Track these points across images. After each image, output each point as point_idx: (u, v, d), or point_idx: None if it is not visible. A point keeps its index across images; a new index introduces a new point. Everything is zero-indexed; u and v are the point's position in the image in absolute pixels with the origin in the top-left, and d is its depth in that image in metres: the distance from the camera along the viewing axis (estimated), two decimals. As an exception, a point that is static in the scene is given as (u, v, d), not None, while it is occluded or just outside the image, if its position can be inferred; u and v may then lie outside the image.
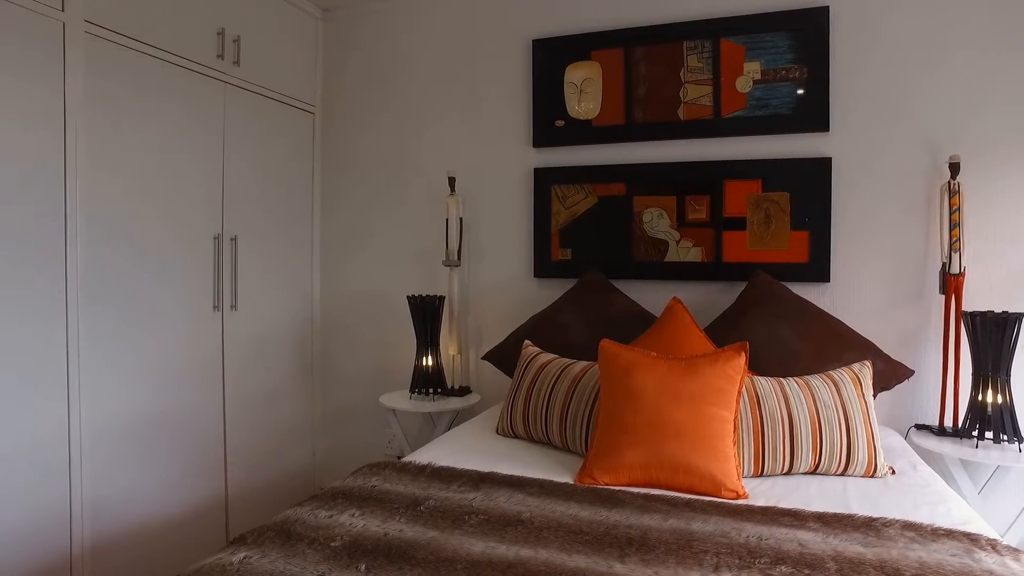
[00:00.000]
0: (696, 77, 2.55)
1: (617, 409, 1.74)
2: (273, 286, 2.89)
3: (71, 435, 2.03)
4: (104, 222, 2.12)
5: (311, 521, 1.37)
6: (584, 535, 1.32)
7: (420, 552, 1.23)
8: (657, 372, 1.74)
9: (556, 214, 2.75)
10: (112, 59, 2.13)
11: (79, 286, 2.04)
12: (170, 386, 2.37)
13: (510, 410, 2.12)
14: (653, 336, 2.16)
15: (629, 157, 2.67)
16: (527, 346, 2.31)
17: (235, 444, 2.67)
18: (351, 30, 3.12)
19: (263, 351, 2.83)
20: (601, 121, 2.70)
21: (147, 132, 2.27)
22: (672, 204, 2.60)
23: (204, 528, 2.52)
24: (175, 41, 2.35)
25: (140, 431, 2.26)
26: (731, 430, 1.67)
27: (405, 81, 3.03)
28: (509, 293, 2.84)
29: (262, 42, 2.78)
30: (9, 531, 1.86)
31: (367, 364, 3.11)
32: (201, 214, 2.49)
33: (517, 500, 1.50)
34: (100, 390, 2.12)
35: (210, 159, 2.53)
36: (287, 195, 2.97)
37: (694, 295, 2.56)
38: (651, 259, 2.63)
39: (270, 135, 2.85)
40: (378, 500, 1.48)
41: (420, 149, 3.00)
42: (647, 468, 1.66)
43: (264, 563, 1.19)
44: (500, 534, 1.33)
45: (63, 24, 1.98)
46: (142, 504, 2.27)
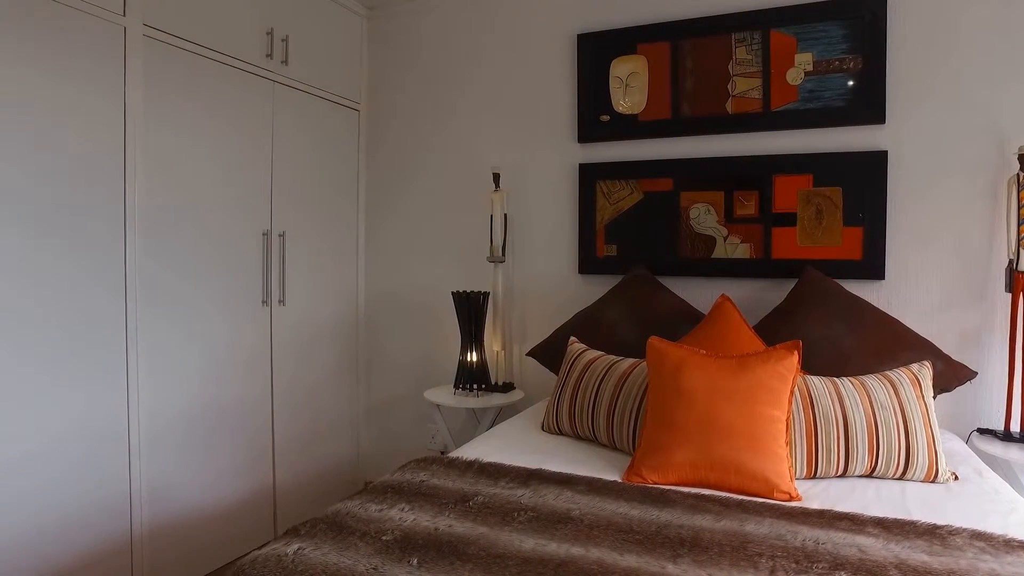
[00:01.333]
0: (745, 70, 2.50)
1: (666, 407, 1.72)
2: (319, 281, 2.94)
3: (130, 425, 2.10)
4: (159, 219, 2.19)
5: (362, 515, 1.39)
6: (635, 534, 1.31)
7: (471, 548, 1.23)
8: (707, 370, 1.71)
9: (601, 210, 2.73)
10: (168, 61, 2.19)
11: (137, 282, 2.11)
12: (221, 378, 2.43)
13: (556, 407, 2.12)
14: (701, 334, 2.13)
15: (676, 152, 2.63)
16: (573, 343, 2.29)
17: (282, 435, 2.73)
18: (396, 27, 3.15)
19: (309, 345, 2.88)
20: (647, 116, 2.67)
21: (200, 130, 2.33)
22: (720, 199, 2.55)
23: (253, 516, 2.59)
24: (227, 42, 2.40)
25: (193, 422, 2.33)
26: (783, 430, 1.63)
27: (449, 77, 3.04)
28: (553, 289, 2.83)
29: (309, 41, 2.82)
30: (77, 514, 1.94)
31: (410, 359, 3.14)
32: (251, 211, 2.55)
33: (566, 498, 1.50)
34: (156, 382, 2.19)
35: (259, 156, 2.59)
36: (333, 191, 3.02)
37: (742, 292, 2.51)
38: (698, 255, 2.58)
39: (316, 133, 2.90)
40: (427, 495, 1.49)
41: (464, 145, 3.01)
42: (697, 467, 1.63)
43: (318, 555, 1.21)
44: (550, 532, 1.32)
45: (124, 28, 2.04)
46: (195, 492, 2.34)
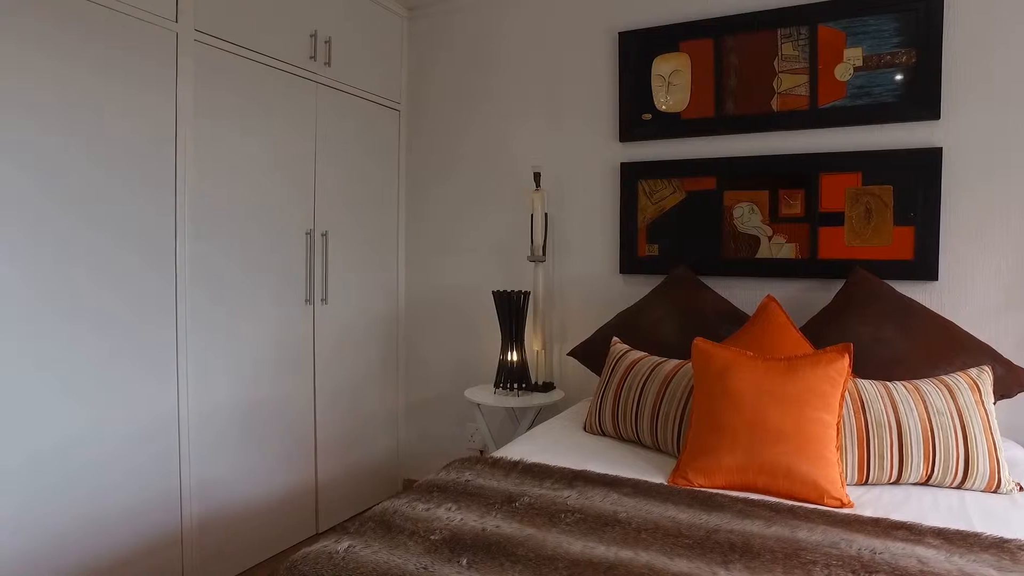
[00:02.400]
0: (791, 66, 2.45)
1: (713, 410, 1.69)
2: (361, 280, 2.97)
3: (180, 420, 2.15)
4: (208, 219, 2.24)
5: (409, 513, 1.40)
6: (684, 538, 1.30)
7: (520, 549, 1.23)
8: (755, 372, 1.69)
9: (643, 209, 2.71)
10: (217, 64, 2.24)
11: (187, 281, 2.16)
12: (266, 376, 2.48)
13: (598, 408, 2.11)
14: (746, 335, 2.09)
15: (719, 150, 2.60)
16: (615, 343, 2.28)
17: (324, 432, 2.77)
18: (436, 28, 3.17)
19: (351, 343, 2.92)
20: (690, 114, 2.63)
21: (246, 132, 2.37)
22: (764, 198, 2.51)
23: (296, 511, 2.64)
24: (272, 45, 2.45)
25: (239, 418, 2.38)
26: (834, 435, 1.60)
27: (489, 77, 3.04)
28: (594, 289, 2.82)
29: (351, 42, 2.86)
30: (131, 506, 2.01)
31: (450, 357, 3.16)
32: (294, 210, 2.59)
33: (612, 500, 1.49)
34: (205, 379, 2.24)
35: (303, 157, 2.63)
36: (374, 191, 3.05)
37: (787, 293, 2.47)
38: (742, 255, 2.54)
39: (358, 133, 2.93)
40: (473, 495, 1.50)
41: (505, 144, 3.01)
42: (744, 471, 1.61)
43: (368, 553, 1.23)
44: (598, 534, 1.32)
45: (176, 34, 2.10)
46: (241, 486, 2.39)
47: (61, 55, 1.79)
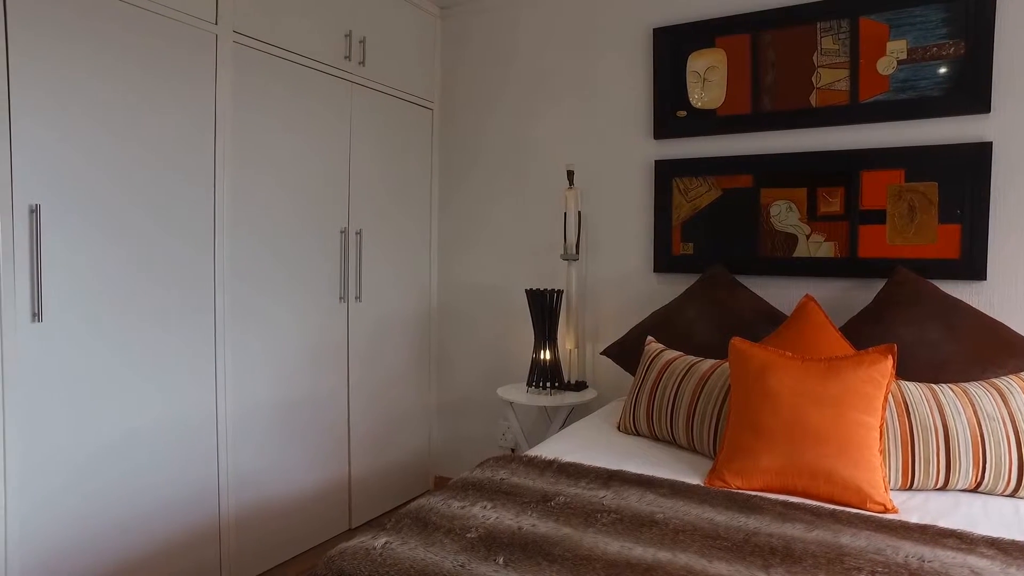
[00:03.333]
0: (831, 60, 2.39)
1: (750, 411, 1.66)
2: (394, 278, 3.00)
3: (218, 417, 2.19)
4: (245, 217, 2.27)
5: (445, 511, 1.40)
6: (722, 541, 1.28)
7: (556, 549, 1.23)
8: (794, 373, 1.65)
9: (677, 207, 2.67)
10: (255, 65, 2.28)
11: (225, 279, 2.20)
12: (301, 372, 2.51)
13: (633, 407, 2.09)
14: (784, 335, 2.05)
15: (756, 148, 2.55)
16: (650, 342, 2.26)
17: (358, 429, 2.80)
18: (469, 26, 3.17)
19: (384, 341, 2.94)
20: (726, 110, 2.59)
21: (283, 131, 2.40)
22: (802, 196, 2.46)
23: (330, 506, 2.67)
24: (308, 45, 2.48)
25: (275, 413, 2.41)
26: (877, 438, 1.56)
27: (522, 75, 3.04)
28: (627, 288, 2.80)
29: (385, 42, 2.88)
30: (172, 499, 2.05)
31: (482, 355, 3.16)
32: (329, 209, 2.62)
33: (648, 500, 1.47)
34: (242, 375, 2.28)
35: (337, 156, 2.65)
36: (408, 189, 3.07)
37: (826, 292, 2.41)
38: (778, 254, 2.50)
39: (392, 132, 2.95)
40: (508, 493, 1.50)
41: (537, 143, 3.01)
42: (783, 473, 1.58)
43: (405, 550, 1.23)
44: (635, 535, 1.30)
45: (216, 36, 2.13)
46: (277, 481, 2.42)
47: (114, 57, 1.83)
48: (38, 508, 1.72)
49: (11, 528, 1.66)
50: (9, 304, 1.63)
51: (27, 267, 1.67)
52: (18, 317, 1.66)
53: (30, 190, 1.67)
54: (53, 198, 1.72)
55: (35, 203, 1.68)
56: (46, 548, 1.74)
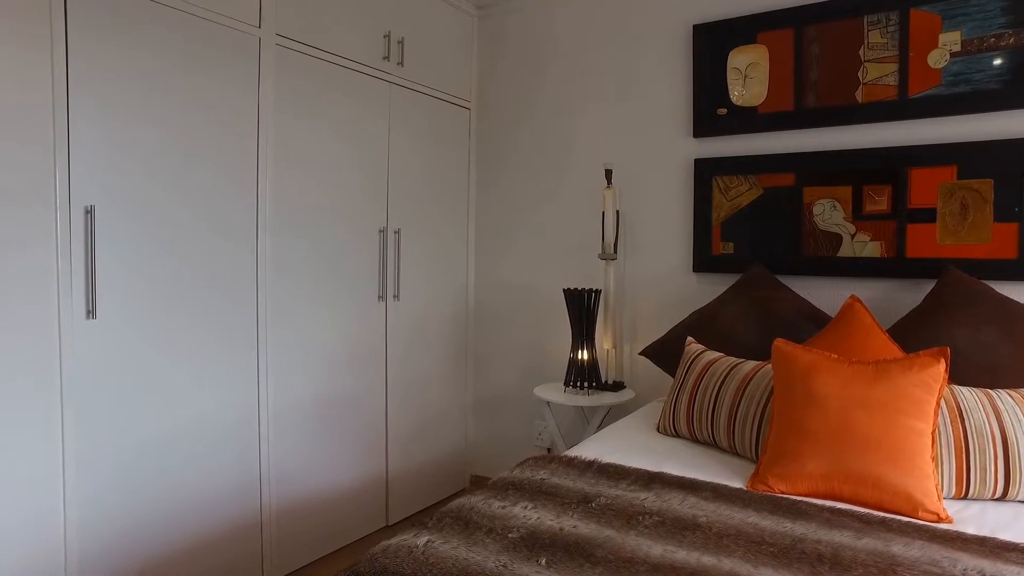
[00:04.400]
0: (878, 55, 2.33)
1: (795, 414, 1.63)
2: (431, 277, 3.01)
3: (259, 412, 2.24)
4: (287, 217, 2.31)
5: (486, 510, 1.40)
6: (768, 546, 1.25)
7: (599, 551, 1.22)
8: (841, 376, 1.61)
9: (717, 206, 2.63)
10: (296, 66, 2.31)
11: (267, 277, 2.24)
12: (339, 370, 2.55)
13: (672, 408, 2.07)
14: (829, 337, 2.01)
15: (798, 145, 2.50)
16: (690, 343, 2.23)
17: (395, 426, 2.83)
18: (506, 25, 3.17)
19: (421, 339, 2.97)
20: (767, 108, 2.54)
21: (323, 131, 2.44)
22: (847, 195, 2.40)
23: (367, 503, 2.70)
24: (348, 46, 2.51)
25: (314, 410, 2.45)
26: (929, 444, 1.51)
27: (560, 74, 3.03)
28: (666, 288, 2.77)
29: (423, 42, 2.89)
30: (216, 492, 2.10)
31: (518, 355, 3.16)
32: (368, 208, 2.65)
33: (691, 503, 1.45)
34: (283, 372, 2.32)
35: (376, 156, 2.68)
36: (445, 189, 3.09)
37: (871, 293, 2.35)
38: (822, 254, 2.44)
39: (429, 131, 2.97)
40: (548, 494, 1.49)
41: (575, 142, 2.99)
42: (829, 479, 1.54)
43: (447, 548, 1.24)
44: (677, 538, 1.29)
45: (259, 39, 2.17)
46: (316, 477, 2.46)
47: (162, 61, 1.88)
48: (93, 497, 1.78)
49: (70, 515, 1.72)
50: (66, 302, 1.69)
51: (82, 266, 1.72)
52: (74, 315, 1.71)
53: (85, 191, 1.73)
54: (106, 199, 1.78)
55: (90, 204, 1.74)
56: (101, 535, 1.80)
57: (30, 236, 1.62)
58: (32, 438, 1.65)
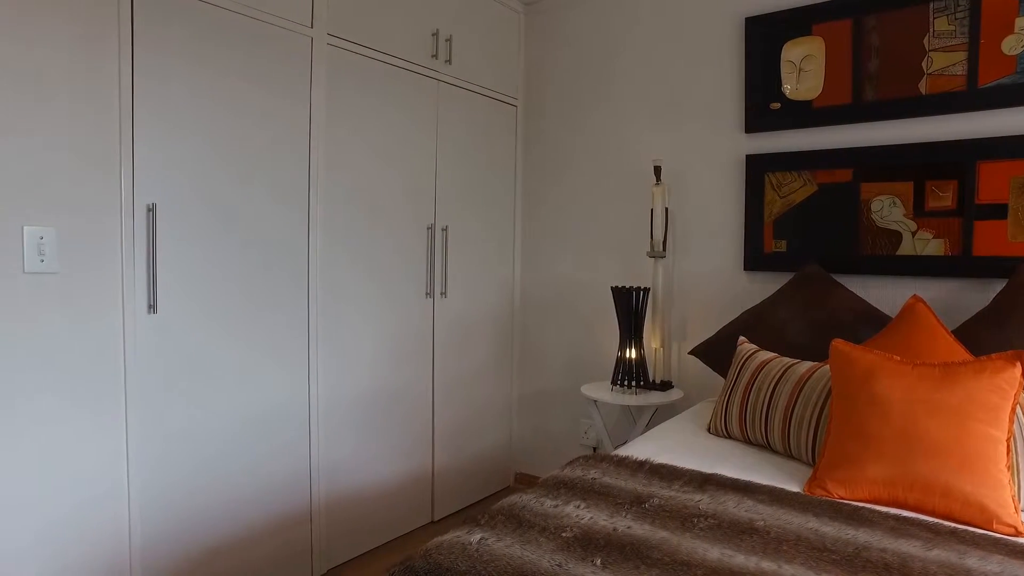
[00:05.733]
0: (945, 43, 2.23)
1: (856, 417, 1.58)
2: (478, 274, 3.02)
3: (310, 406, 2.27)
4: (337, 215, 2.34)
5: (538, 509, 1.40)
6: (830, 553, 1.21)
7: (654, 553, 1.20)
8: (905, 379, 1.55)
9: (770, 203, 2.57)
10: (346, 65, 2.34)
11: (318, 273, 2.27)
12: (387, 366, 2.57)
13: (724, 409, 2.02)
14: (889, 338, 1.94)
15: (856, 140, 2.42)
16: (743, 343, 2.18)
17: (441, 422, 2.84)
18: (552, 21, 3.15)
19: (468, 336, 2.97)
20: (823, 101, 2.47)
21: (372, 129, 2.46)
22: (908, 191, 2.31)
23: (413, 497, 2.72)
24: (397, 45, 2.52)
25: (363, 405, 2.48)
26: (1004, 452, 1.44)
27: (607, 69, 3.00)
28: (716, 286, 2.71)
29: (470, 40, 2.90)
30: (267, 483, 2.14)
31: (564, 352, 3.15)
32: (416, 205, 2.67)
33: (747, 507, 1.42)
34: (332, 367, 2.35)
35: (424, 153, 2.70)
36: (492, 186, 3.09)
37: (934, 293, 2.26)
38: (880, 252, 2.36)
39: (477, 129, 2.97)
40: (600, 493, 1.48)
41: (622, 138, 2.96)
42: (892, 485, 1.48)
43: (501, 546, 1.23)
44: (735, 542, 1.26)
45: (311, 39, 2.20)
46: (364, 471, 2.49)
47: (219, 63, 1.93)
48: (154, 485, 1.83)
49: (134, 502, 1.78)
50: (130, 297, 1.75)
51: (144, 262, 1.78)
52: (136, 309, 1.77)
53: (147, 189, 1.78)
54: (166, 197, 1.83)
55: (152, 202, 1.79)
56: (162, 522, 1.85)
57: (98, 233, 1.68)
58: (99, 428, 1.71)
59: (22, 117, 1.54)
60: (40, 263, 1.57)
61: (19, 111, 1.53)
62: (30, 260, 1.56)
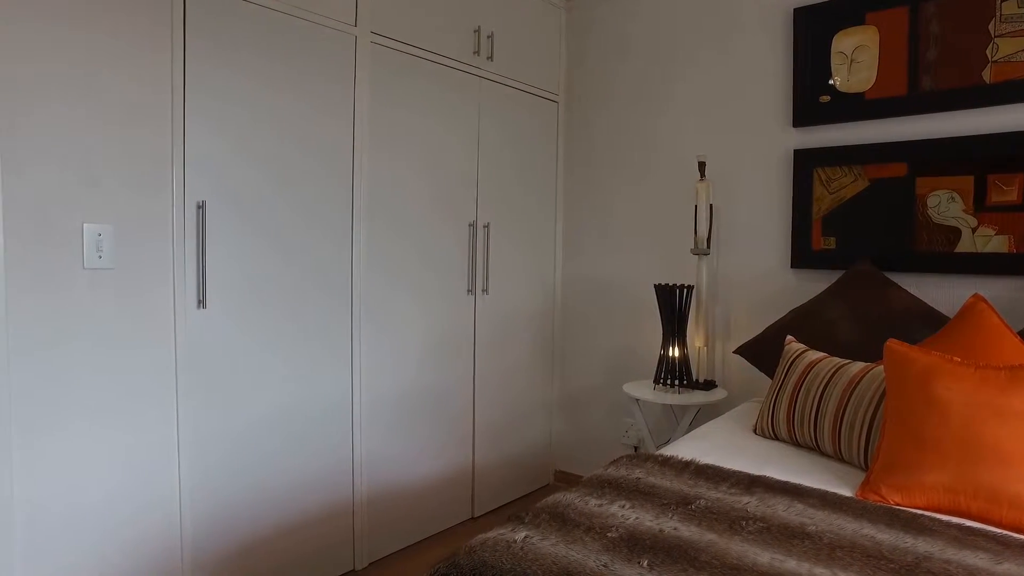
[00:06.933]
0: (1014, 28, 2.13)
1: (913, 420, 1.52)
2: (519, 271, 3.01)
3: (353, 402, 2.30)
4: (380, 212, 2.36)
5: (583, 508, 1.38)
6: (888, 562, 1.17)
7: (702, 555, 1.17)
8: (967, 382, 1.49)
9: (819, 199, 2.50)
10: (389, 63, 2.36)
11: (362, 271, 2.29)
12: (429, 362, 2.58)
13: (771, 410, 1.97)
14: (949, 339, 1.86)
15: (911, 132, 2.33)
16: (790, 342, 2.12)
17: (482, 419, 2.85)
18: (594, 17, 3.12)
19: (509, 333, 2.97)
20: (876, 93, 2.38)
21: (415, 127, 2.47)
22: (968, 185, 2.22)
23: (454, 493, 2.73)
24: (439, 42, 2.53)
25: (404, 401, 2.49)
26: (1074, 460, 1.37)
27: (649, 64, 2.95)
28: (762, 284, 2.65)
29: (512, 36, 2.89)
30: (311, 476, 2.18)
31: (605, 350, 3.12)
32: (458, 203, 2.67)
33: (797, 510, 1.38)
34: (375, 363, 2.37)
35: (466, 150, 2.70)
36: (533, 183, 3.08)
37: (996, 292, 2.17)
38: (936, 249, 2.27)
39: (518, 125, 2.97)
40: (645, 493, 1.45)
41: (665, 133, 2.91)
42: (954, 493, 1.42)
43: (546, 545, 1.22)
44: (786, 547, 1.22)
45: (355, 37, 2.22)
46: (405, 466, 2.51)
47: (266, 63, 1.96)
48: (203, 477, 1.88)
49: (184, 493, 1.83)
50: (180, 292, 1.79)
51: (195, 258, 1.82)
52: (187, 305, 1.81)
53: (198, 187, 1.82)
54: (215, 195, 1.86)
55: (202, 199, 1.83)
56: (210, 513, 1.90)
57: (151, 229, 1.73)
58: (152, 421, 1.75)
59: (82, 117, 1.59)
60: (98, 259, 1.62)
61: (80, 111, 1.58)
62: (89, 256, 1.61)
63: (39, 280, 1.54)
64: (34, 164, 1.52)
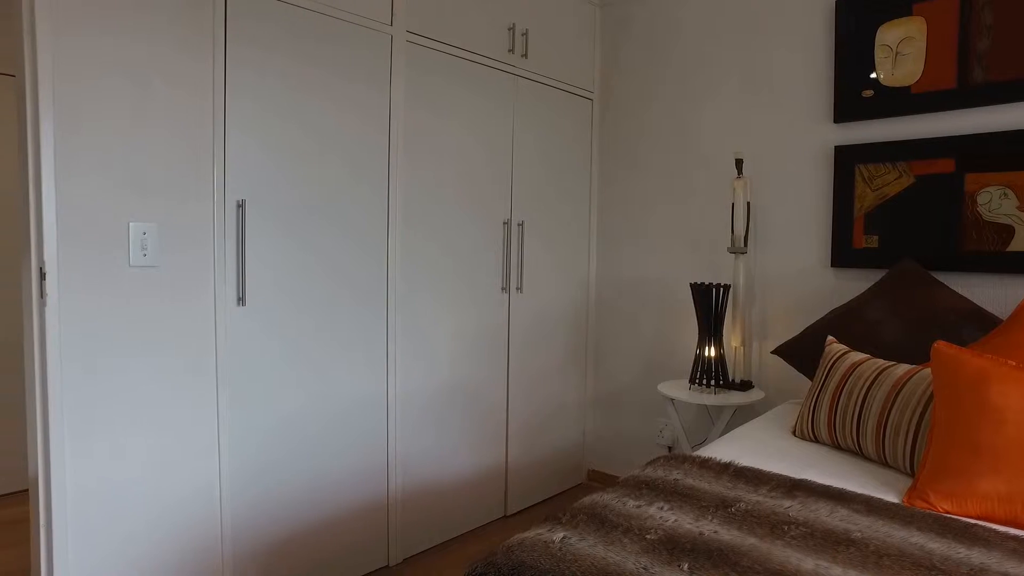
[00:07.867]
0: (1066, 20, 2.05)
1: (965, 426, 1.47)
2: (553, 270, 3.00)
3: (388, 399, 2.31)
4: (415, 210, 2.37)
5: (620, 509, 1.37)
6: (939, 572, 1.13)
7: (743, 560, 1.15)
8: (1023, 386, 1.43)
9: (860, 197, 2.43)
10: (424, 62, 2.36)
11: (397, 270, 2.31)
12: (463, 361, 2.59)
13: (812, 412, 1.93)
14: (1002, 341, 1.80)
15: (961, 127, 2.26)
16: (831, 343, 2.07)
17: (515, 418, 2.84)
18: (629, 13, 3.09)
19: (543, 332, 2.96)
20: (922, 87, 2.31)
21: (449, 125, 2.48)
22: (1021, 181, 2.14)
23: (487, 492, 2.73)
24: (474, 40, 2.53)
25: (439, 398, 2.50)
26: None
27: (685, 60, 2.91)
28: (800, 283, 2.60)
29: (546, 34, 2.87)
30: (347, 471, 2.20)
31: (640, 350, 3.09)
32: (493, 201, 2.67)
33: (841, 516, 1.35)
34: (409, 361, 2.39)
35: (501, 148, 2.70)
36: (568, 181, 3.06)
37: (1050, 292, 2.09)
38: (987, 248, 2.19)
39: (553, 123, 2.95)
40: (684, 495, 1.43)
41: (701, 130, 2.87)
42: (1010, 502, 1.37)
43: (584, 546, 1.21)
44: (830, 553, 1.19)
45: (391, 36, 2.24)
46: (439, 463, 2.52)
47: (304, 64, 1.98)
48: (243, 471, 1.91)
49: (224, 481, 1.86)
50: (221, 290, 1.82)
51: (234, 256, 1.85)
52: (227, 301, 1.84)
53: (237, 186, 1.85)
54: (254, 194, 1.89)
55: (241, 199, 1.86)
56: (250, 507, 1.93)
57: (193, 227, 1.76)
58: (194, 417, 1.79)
59: (128, 118, 1.63)
60: (143, 257, 1.66)
61: (126, 113, 1.62)
62: (135, 254, 1.64)
63: (88, 279, 1.58)
64: (85, 169, 1.56)
